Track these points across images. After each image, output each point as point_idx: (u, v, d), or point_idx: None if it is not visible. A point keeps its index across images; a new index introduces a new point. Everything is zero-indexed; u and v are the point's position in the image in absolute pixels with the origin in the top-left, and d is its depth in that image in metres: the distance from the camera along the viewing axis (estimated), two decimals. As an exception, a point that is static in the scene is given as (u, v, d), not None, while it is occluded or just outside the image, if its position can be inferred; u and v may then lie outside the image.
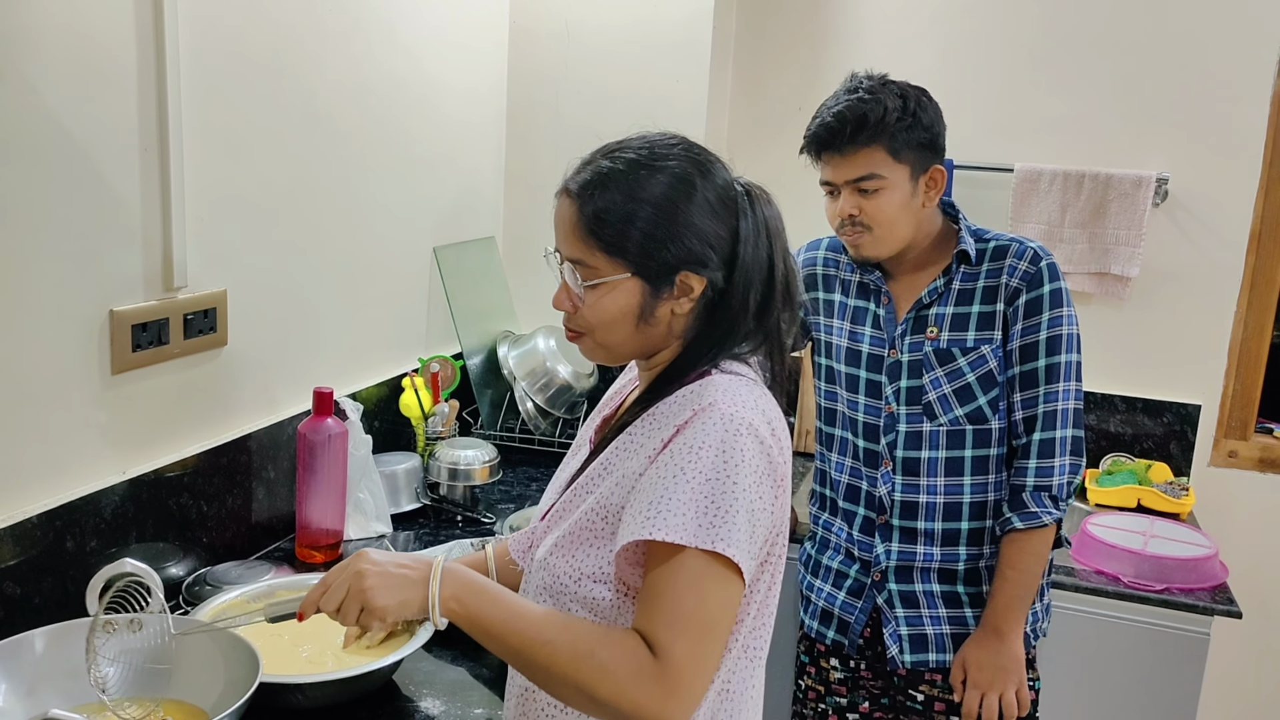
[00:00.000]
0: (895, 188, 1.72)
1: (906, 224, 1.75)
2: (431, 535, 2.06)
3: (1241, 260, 2.54)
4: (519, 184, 2.76)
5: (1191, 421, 2.58)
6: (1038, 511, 1.71)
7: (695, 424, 1.10)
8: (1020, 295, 1.73)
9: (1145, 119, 2.54)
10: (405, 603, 1.09)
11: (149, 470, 1.65)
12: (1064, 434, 1.72)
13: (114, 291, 1.57)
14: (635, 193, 1.14)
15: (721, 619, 1.08)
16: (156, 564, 1.57)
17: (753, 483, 1.09)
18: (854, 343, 1.85)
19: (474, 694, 1.49)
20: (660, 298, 1.16)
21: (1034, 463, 1.73)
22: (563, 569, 1.16)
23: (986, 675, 1.73)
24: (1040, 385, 1.73)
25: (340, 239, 2.12)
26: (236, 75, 1.77)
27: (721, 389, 1.13)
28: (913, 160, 1.72)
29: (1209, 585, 2.07)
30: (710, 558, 1.06)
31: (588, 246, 1.15)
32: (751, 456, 1.09)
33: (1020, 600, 1.73)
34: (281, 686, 1.34)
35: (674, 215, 1.13)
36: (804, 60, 2.77)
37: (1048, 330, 1.73)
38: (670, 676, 1.04)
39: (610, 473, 1.17)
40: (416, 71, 2.32)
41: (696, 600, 1.06)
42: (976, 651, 1.75)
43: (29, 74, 1.40)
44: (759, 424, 1.12)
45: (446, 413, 2.30)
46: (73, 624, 1.29)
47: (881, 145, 1.70)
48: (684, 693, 1.05)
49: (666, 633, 1.05)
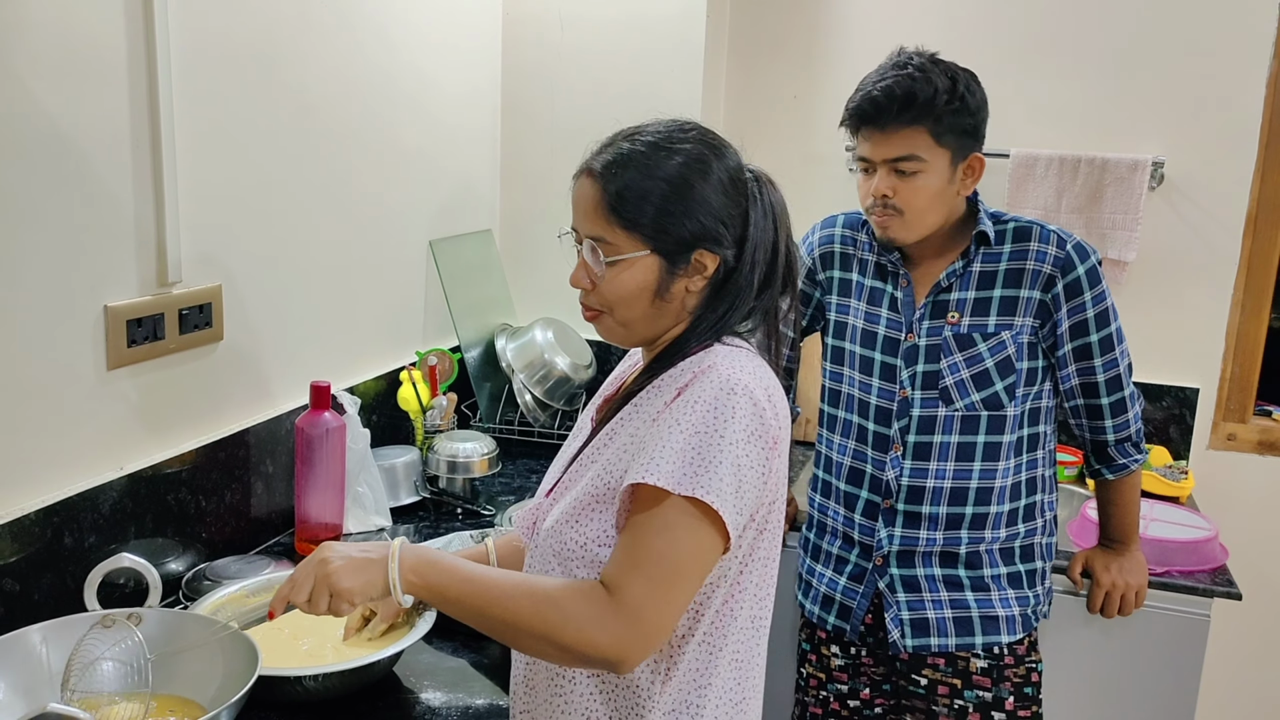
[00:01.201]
0: (934, 172, 1.69)
1: (939, 211, 1.73)
2: (431, 528, 2.06)
3: (1238, 243, 2.53)
4: (515, 177, 2.76)
5: (1190, 405, 2.58)
6: (1126, 462, 1.87)
7: (694, 385, 1.15)
8: (1056, 282, 1.73)
9: (1141, 103, 2.54)
10: (369, 583, 1.15)
11: (147, 466, 1.65)
12: (1129, 390, 1.83)
13: (108, 287, 1.57)
14: (654, 172, 1.19)
15: (690, 567, 1.11)
16: (156, 560, 1.57)
17: (742, 439, 1.12)
18: (870, 324, 1.84)
19: (475, 684, 1.50)
20: (676, 274, 1.21)
21: (1110, 421, 1.83)
22: (571, 536, 1.19)
23: (1111, 574, 1.93)
24: (1096, 357, 1.77)
25: (335, 233, 2.12)
26: (227, 69, 1.77)
27: (722, 355, 1.18)
28: (954, 146, 1.69)
29: (1209, 567, 2.07)
30: (689, 504, 1.10)
31: (609, 224, 1.20)
32: (743, 415, 1.13)
33: (1133, 522, 1.93)
34: (282, 679, 1.34)
35: (690, 194, 1.19)
36: (799, 49, 2.76)
37: (1094, 308, 1.75)
38: (626, 614, 1.08)
39: (613, 441, 1.21)
40: (409, 65, 2.31)
41: (665, 544, 1.09)
42: (1100, 556, 1.97)
43: (19, 69, 1.39)
44: (755, 388, 1.15)
45: (445, 406, 2.30)
46: (72, 619, 1.29)
47: (925, 127, 1.67)
48: (639, 632, 1.08)
49: (626, 573, 1.09)
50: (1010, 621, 1.80)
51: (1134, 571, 1.94)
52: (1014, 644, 1.81)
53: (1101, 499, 1.94)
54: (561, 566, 1.20)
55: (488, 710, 1.43)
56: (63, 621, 1.29)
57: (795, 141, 2.78)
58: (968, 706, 1.80)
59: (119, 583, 1.57)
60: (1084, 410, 1.83)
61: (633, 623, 1.08)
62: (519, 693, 1.29)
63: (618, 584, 1.09)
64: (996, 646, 1.80)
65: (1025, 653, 1.82)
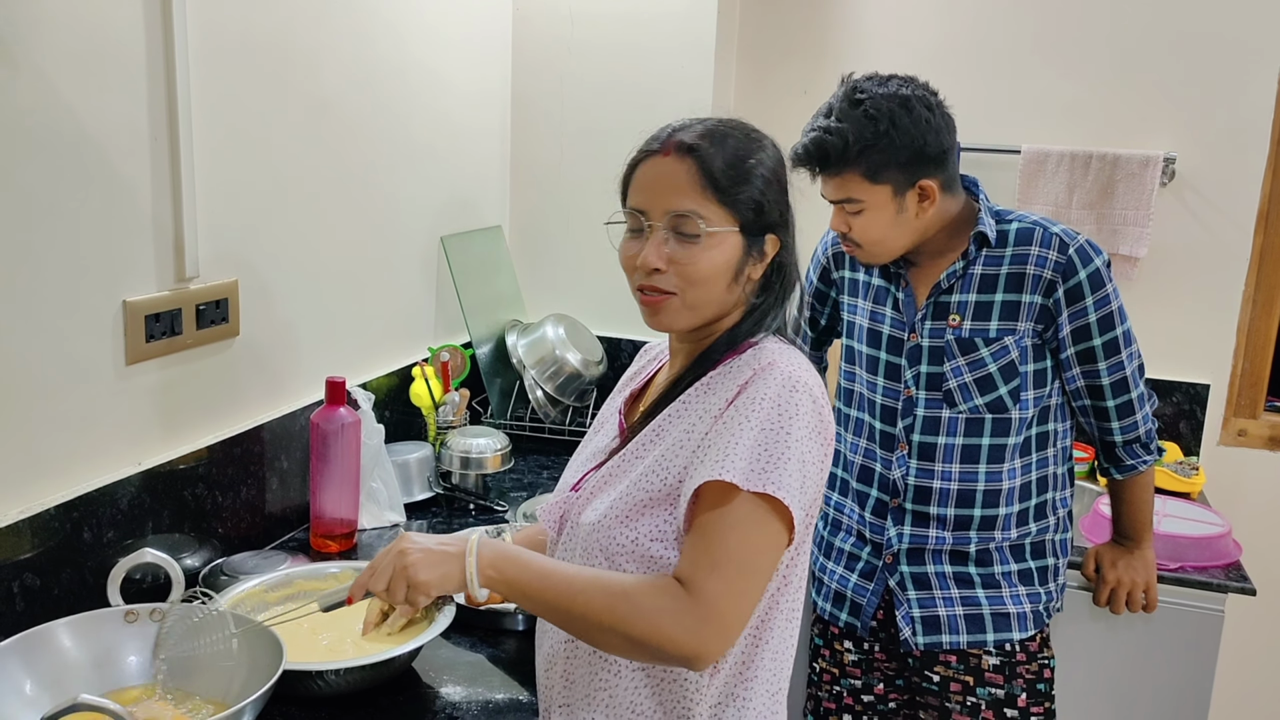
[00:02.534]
0: (878, 208, 1.70)
1: (899, 237, 1.74)
2: (445, 524, 2.06)
3: (1250, 239, 2.53)
4: (525, 173, 2.76)
5: (1200, 401, 2.58)
6: (1134, 464, 1.86)
7: (756, 381, 1.16)
8: (1057, 287, 1.72)
9: (1152, 98, 2.53)
10: (446, 575, 1.16)
11: (164, 461, 1.65)
12: (1137, 392, 1.81)
13: (127, 282, 1.57)
14: (751, 151, 1.21)
15: (762, 561, 1.12)
16: (173, 555, 1.56)
17: (806, 435, 1.14)
18: (875, 323, 1.85)
19: (494, 679, 1.50)
20: (750, 257, 1.22)
21: (1117, 423, 1.82)
22: (621, 533, 1.19)
23: (1118, 570, 1.94)
24: (1100, 360, 1.76)
25: (348, 229, 2.12)
26: (244, 66, 1.77)
27: (779, 352, 1.20)
28: (894, 178, 1.68)
29: (1223, 563, 2.08)
30: (758, 501, 1.11)
31: (705, 198, 1.19)
32: (806, 413, 1.14)
33: (1144, 520, 1.92)
34: (304, 674, 1.34)
35: (778, 179, 1.23)
36: (810, 43, 2.76)
37: (1096, 312, 1.73)
38: (703, 612, 1.08)
39: (663, 438, 1.21)
40: (420, 62, 2.31)
41: (739, 540, 1.10)
42: (1110, 552, 1.96)
43: (41, 63, 1.39)
44: (814, 385, 1.18)
45: (457, 402, 2.30)
46: (96, 614, 1.29)
47: (855, 171, 1.68)
48: (718, 627, 1.08)
49: (703, 571, 1.09)
50: (1022, 618, 1.80)
51: (1140, 568, 1.93)
52: (1026, 640, 1.81)
53: (1113, 496, 1.94)
54: (609, 562, 1.20)
55: (508, 705, 1.43)
56: (87, 616, 1.29)
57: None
58: (980, 703, 1.81)
59: (136, 578, 1.57)
60: (1090, 411, 1.82)
61: (711, 618, 1.08)
62: (556, 686, 1.28)
63: (693, 580, 1.09)
64: (1008, 643, 1.80)
65: (1038, 649, 1.82)
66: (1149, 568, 1.93)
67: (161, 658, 1.28)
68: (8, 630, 1.28)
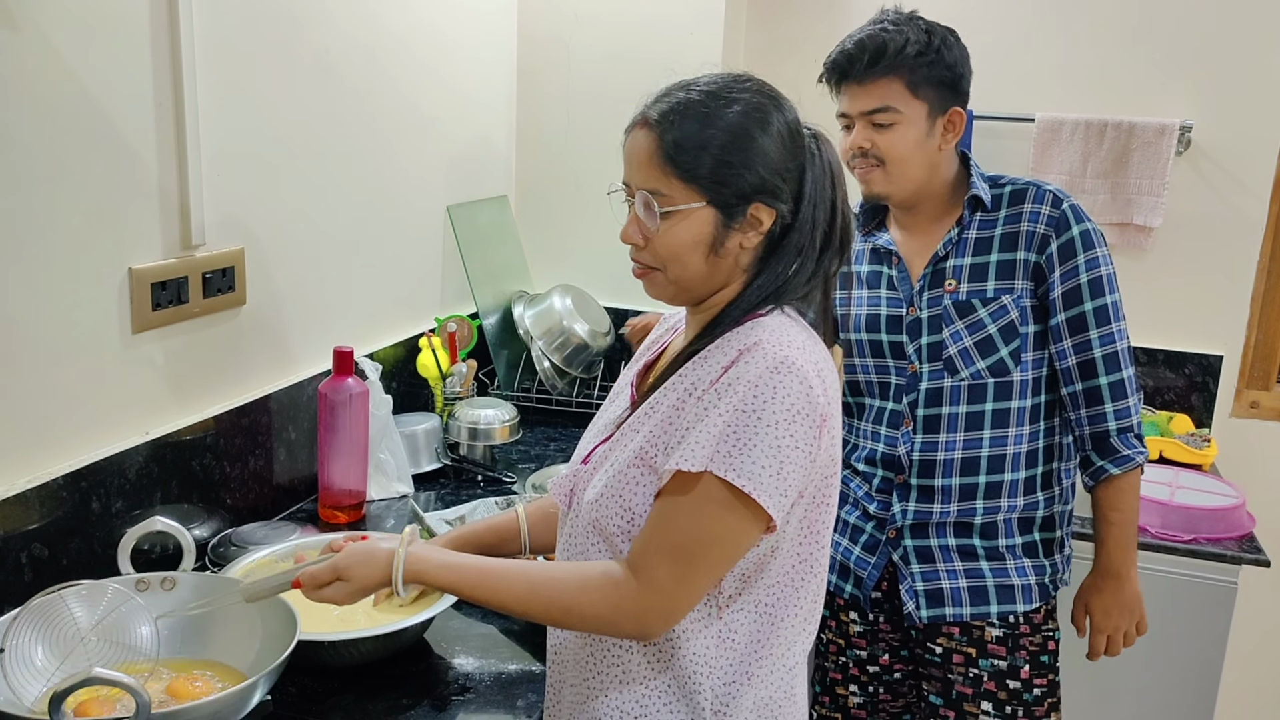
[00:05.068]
0: (910, 124, 1.68)
1: (919, 164, 1.72)
2: (453, 495, 2.05)
3: (1265, 209, 2.51)
4: (531, 143, 2.73)
5: (1213, 372, 2.57)
6: (1130, 454, 1.73)
7: (740, 362, 1.12)
8: (1050, 242, 1.70)
9: (1168, 66, 2.50)
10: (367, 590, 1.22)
11: (171, 431, 1.63)
12: (1128, 373, 1.74)
13: (133, 249, 1.55)
14: (712, 121, 1.15)
15: (716, 549, 1.12)
16: (182, 525, 1.56)
17: (785, 419, 1.09)
18: (872, 308, 1.83)
19: (506, 650, 1.49)
20: (731, 228, 1.17)
21: (1110, 407, 1.73)
22: (614, 510, 1.18)
23: (1112, 619, 1.80)
24: (1092, 330, 1.71)
25: (354, 198, 2.09)
26: (249, 31, 1.74)
27: (769, 329, 1.15)
28: (931, 98, 1.68)
29: (1236, 535, 2.07)
30: (721, 486, 1.09)
31: (665, 175, 1.16)
32: (787, 394, 1.10)
33: (1130, 540, 1.77)
34: (317, 644, 1.33)
35: (748, 144, 1.15)
36: (819, 10, 2.72)
37: (1087, 273, 1.70)
38: (646, 600, 1.11)
39: (655, 411, 1.19)
40: (426, 28, 2.28)
41: (692, 525, 1.10)
42: (1099, 598, 1.81)
43: (44, 26, 1.37)
44: (803, 363, 1.12)
45: (464, 373, 2.28)
46: (106, 582, 1.28)
47: (899, 77, 1.66)
48: (660, 614, 1.12)
49: (650, 556, 1.11)
50: (1026, 590, 1.79)
51: (1134, 606, 1.81)
52: (1030, 613, 1.79)
53: (1100, 512, 1.78)
54: (605, 541, 1.19)
55: (521, 676, 1.42)
56: (97, 584, 1.27)
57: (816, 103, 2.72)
58: (983, 675, 1.80)
59: (145, 549, 1.56)
60: (1082, 397, 1.74)
61: (653, 606, 1.11)
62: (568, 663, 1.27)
63: (639, 565, 1.11)
64: (1012, 615, 1.79)
65: (1042, 621, 1.81)
66: (1138, 601, 1.81)
67: (175, 628, 1.26)
68: (17, 600, 1.27)
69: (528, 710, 1.36)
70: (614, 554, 1.19)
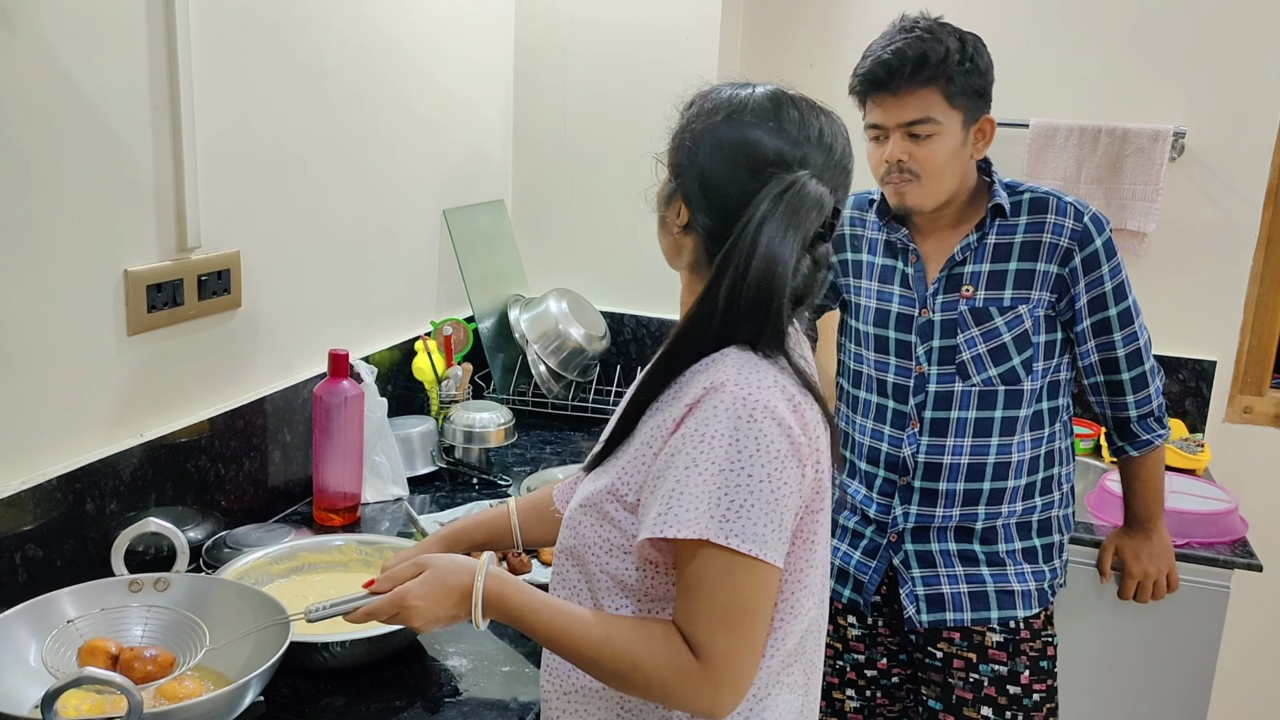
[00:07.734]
0: (948, 135, 1.68)
1: (954, 174, 1.72)
2: (448, 498, 2.05)
3: (1258, 215, 2.51)
4: (527, 147, 2.73)
5: (1207, 378, 2.57)
6: (1150, 438, 1.84)
7: (705, 406, 1.07)
8: (1074, 255, 1.71)
9: (1162, 72, 2.51)
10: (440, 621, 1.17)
11: (166, 433, 1.64)
12: (1150, 365, 1.81)
13: (128, 251, 1.55)
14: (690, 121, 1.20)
15: (756, 606, 1.08)
16: (176, 527, 1.56)
17: (774, 470, 1.06)
18: (883, 303, 1.83)
19: (499, 652, 1.49)
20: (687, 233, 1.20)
21: (1132, 397, 1.80)
22: (589, 535, 1.17)
23: (1142, 562, 1.93)
24: (1116, 331, 1.76)
25: (350, 201, 2.09)
26: (244, 34, 1.74)
27: (735, 366, 1.09)
28: (966, 107, 1.68)
29: (1229, 539, 2.07)
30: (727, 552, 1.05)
31: None
32: (769, 442, 1.05)
33: (1157, 503, 1.91)
34: (309, 646, 1.33)
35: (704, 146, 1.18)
36: (815, 17, 2.73)
37: (1111, 281, 1.73)
38: (714, 674, 1.06)
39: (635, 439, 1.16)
40: (422, 33, 2.28)
41: (729, 592, 1.06)
42: (1130, 542, 1.95)
43: (41, 28, 1.37)
44: (777, 403, 1.07)
45: (460, 376, 2.28)
46: (100, 583, 1.28)
47: (939, 88, 1.65)
48: (729, 685, 1.07)
49: (704, 630, 1.06)
50: (1026, 596, 1.79)
51: (1162, 555, 1.93)
52: (1030, 618, 1.80)
53: (1126, 478, 1.91)
54: (579, 568, 1.18)
55: (514, 677, 1.43)
56: (91, 586, 1.27)
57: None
58: (983, 680, 1.80)
59: (139, 550, 1.56)
60: (1104, 387, 1.81)
61: (724, 680, 1.06)
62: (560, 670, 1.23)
63: (698, 641, 1.06)
64: (1012, 621, 1.79)
65: (1041, 626, 1.82)
66: (1168, 552, 1.93)
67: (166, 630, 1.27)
68: (10, 601, 1.27)
69: (520, 712, 1.36)
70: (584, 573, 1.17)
